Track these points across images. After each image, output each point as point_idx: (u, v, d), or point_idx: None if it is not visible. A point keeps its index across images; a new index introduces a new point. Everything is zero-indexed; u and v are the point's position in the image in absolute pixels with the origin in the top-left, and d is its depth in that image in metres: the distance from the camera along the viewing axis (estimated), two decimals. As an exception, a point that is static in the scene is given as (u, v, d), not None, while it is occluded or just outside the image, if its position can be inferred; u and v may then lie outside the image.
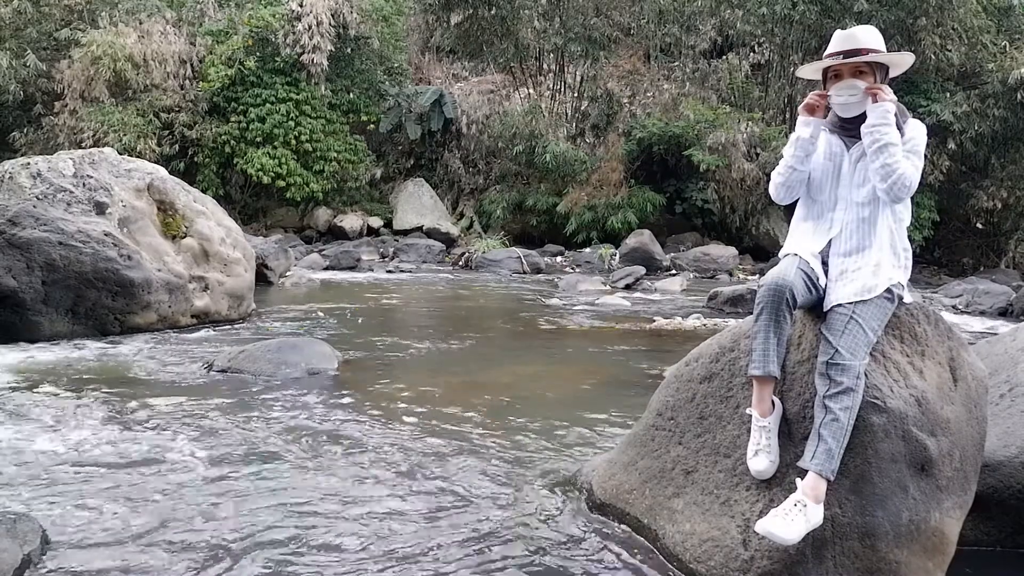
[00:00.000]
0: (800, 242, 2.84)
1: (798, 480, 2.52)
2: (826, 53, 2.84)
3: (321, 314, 8.61)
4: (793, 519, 2.43)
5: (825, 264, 2.77)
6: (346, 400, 4.99)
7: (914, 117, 2.88)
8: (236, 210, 17.21)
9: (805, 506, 2.45)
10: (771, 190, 2.95)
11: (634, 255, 15.28)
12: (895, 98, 2.72)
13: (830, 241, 2.79)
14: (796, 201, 2.97)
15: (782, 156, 2.91)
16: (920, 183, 2.86)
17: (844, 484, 2.56)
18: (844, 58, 2.75)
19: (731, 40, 19.61)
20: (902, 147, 2.70)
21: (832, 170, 2.83)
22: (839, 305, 2.65)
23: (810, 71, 2.94)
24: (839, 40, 2.79)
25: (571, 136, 19.44)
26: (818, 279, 2.73)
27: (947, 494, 2.67)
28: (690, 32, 19.74)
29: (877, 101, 2.69)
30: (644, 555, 2.92)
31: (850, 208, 2.78)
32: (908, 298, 2.80)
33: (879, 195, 2.72)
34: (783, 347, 2.70)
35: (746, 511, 2.68)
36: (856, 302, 2.64)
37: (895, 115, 2.74)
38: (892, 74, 2.88)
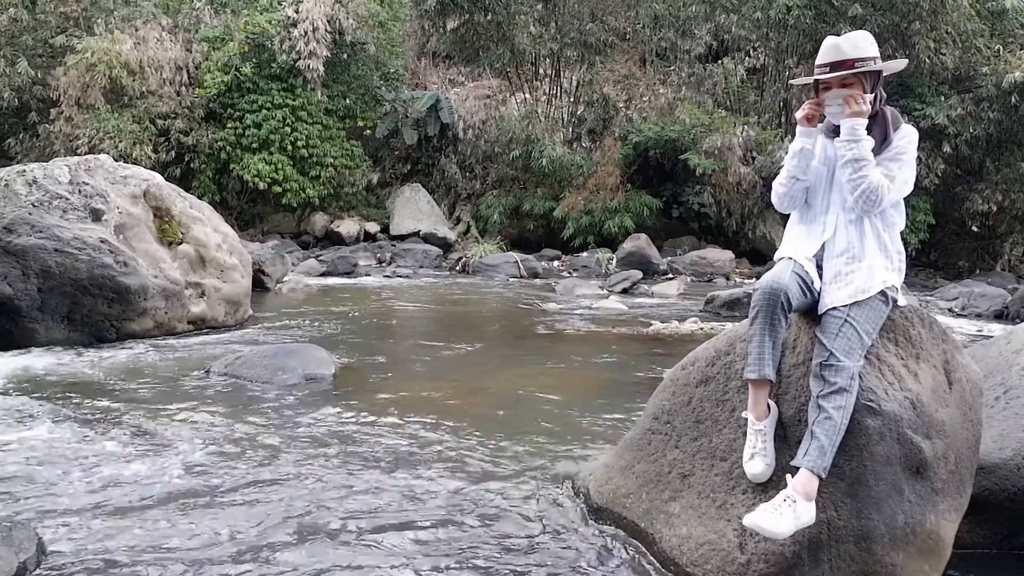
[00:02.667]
0: (795, 245, 2.85)
1: (788, 476, 2.53)
2: (816, 63, 2.85)
3: (318, 319, 8.61)
4: (782, 513, 2.43)
5: (820, 267, 2.78)
6: (342, 405, 4.99)
7: (909, 120, 2.90)
8: (232, 216, 17.19)
9: (795, 502, 2.45)
10: (774, 200, 2.97)
11: (631, 259, 15.29)
12: (868, 109, 2.72)
13: (824, 244, 2.80)
14: None
15: (783, 167, 2.92)
16: (915, 186, 2.87)
17: (840, 487, 2.57)
18: (831, 71, 2.77)
19: (726, 44, 19.64)
20: (884, 155, 2.73)
21: (826, 174, 2.84)
22: (833, 308, 2.67)
23: (802, 82, 2.97)
24: (825, 51, 2.81)
25: (567, 140, 19.45)
26: (813, 282, 2.74)
27: (942, 496, 2.67)
28: (686, 37, 19.78)
29: (847, 115, 2.70)
30: (641, 559, 2.92)
31: (841, 211, 2.80)
32: (902, 301, 2.81)
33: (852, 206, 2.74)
34: (778, 350, 2.71)
35: (742, 514, 2.67)
36: (850, 305, 2.65)
37: (888, 123, 2.75)
38: (887, 73, 2.89)
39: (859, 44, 2.77)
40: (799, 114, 2.87)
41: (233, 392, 5.29)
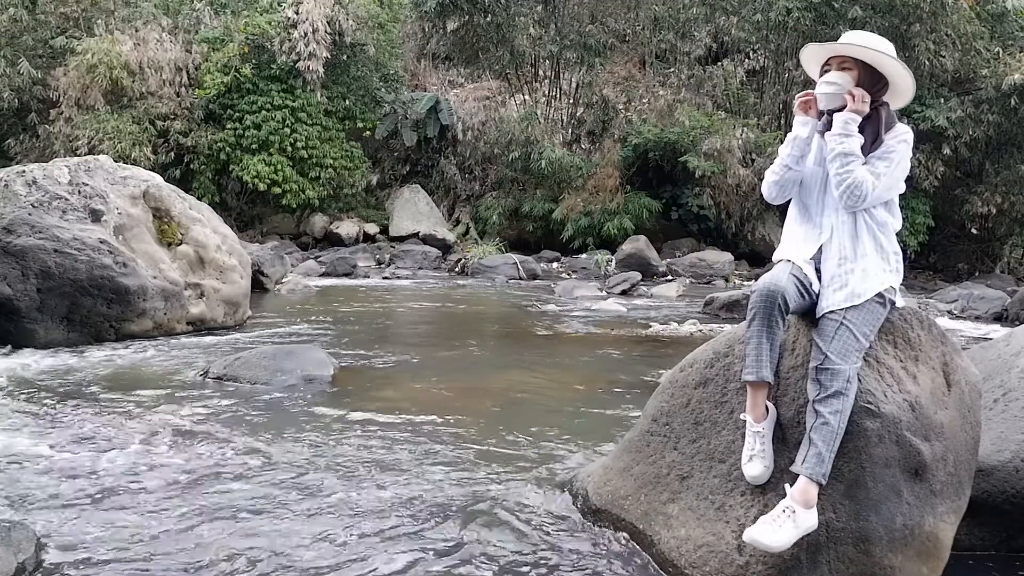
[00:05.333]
0: (792, 248, 2.85)
1: (787, 486, 2.53)
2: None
3: (317, 321, 8.61)
4: (781, 525, 2.43)
5: (819, 270, 2.77)
6: (341, 407, 4.98)
7: (909, 122, 2.88)
8: (232, 217, 17.20)
9: (794, 512, 2.45)
10: (764, 189, 2.95)
11: (630, 261, 15.30)
12: (866, 109, 2.70)
13: (821, 247, 2.79)
14: (790, 204, 2.97)
15: (778, 155, 2.91)
16: (915, 188, 2.86)
17: (838, 489, 2.56)
18: (835, 55, 2.78)
19: (726, 46, 19.68)
20: (873, 153, 2.72)
21: (822, 174, 2.82)
22: (830, 312, 2.66)
23: (808, 54, 2.91)
24: (840, 39, 2.83)
25: (567, 142, 19.47)
26: (811, 284, 2.73)
27: (941, 499, 2.67)
28: (685, 39, 19.81)
29: (846, 107, 2.70)
30: (639, 561, 2.92)
31: (837, 213, 2.79)
32: (900, 302, 2.80)
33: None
34: (776, 352, 2.70)
35: (741, 516, 2.68)
36: (846, 308, 2.65)
37: (881, 123, 2.75)
38: (897, 104, 2.84)
39: (872, 40, 2.78)
40: (796, 101, 2.85)
41: (231, 393, 5.29)
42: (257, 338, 7.45)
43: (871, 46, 2.75)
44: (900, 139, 2.76)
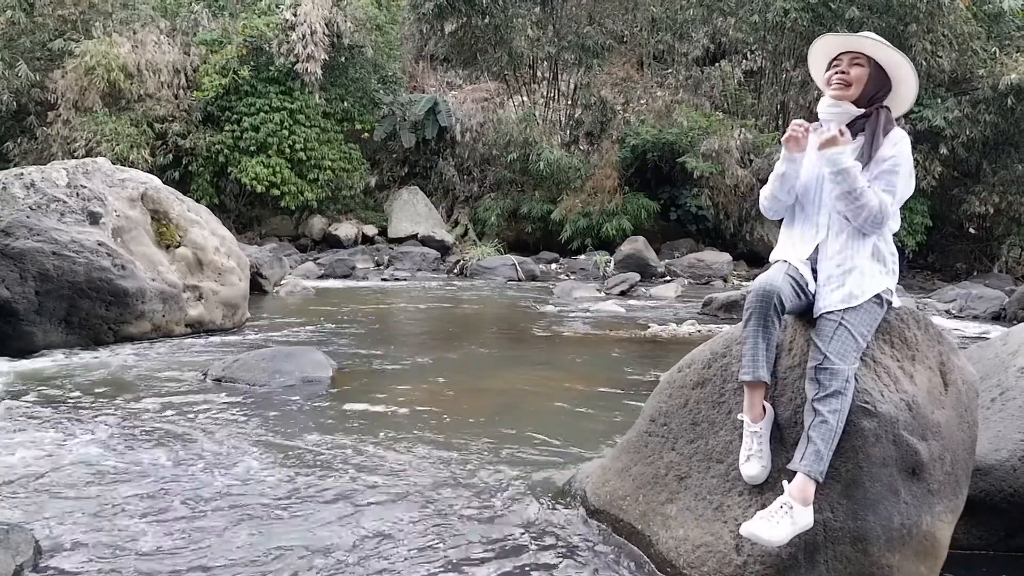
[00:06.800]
0: (789, 248, 2.85)
1: (785, 483, 2.53)
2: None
3: (316, 322, 8.61)
4: (778, 521, 2.43)
5: (815, 270, 2.78)
6: (339, 408, 4.99)
7: (906, 123, 2.87)
8: (230, 219, 17.23)
9: (791, 508, 2.46)
10: (761, 206, 2.98)
11: (628, 262, 15.31)
12: (849, 139, 2.68)
13: (818, 246, 2.80)
14: None
15: (773, 171, 2.90)
16: (913, 188, 2.84)
17: (836, 488, 2.57)
18: (846, 51, 2.79)
19: (724, 47, 19.70)
20: (882, 168, 2.69)
21: (817, 174, 2.82)
22: (828, 312, 2.67)
23: (821, 45, 2.88)
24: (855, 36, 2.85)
25: (565, 143, 19.50)
26: (807, 284, 2.74)
27: (938, 498, 2.68)
28: (683, 40, 19.83)
29: (819, 148, 2.68)
30: (638, 561, 2.93)
31: (833, 213, 2.78)
32: (897, 302, 2.81)
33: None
34: (773, 352, 2.71)
35: (739, 516, 2.68)
36: (844, 309, 2.65)
37: (878, 125, 2.74)
38: (895, 111, 2.83)
39: (886, 44, 2.79)
40: (784, 136, 2.82)
41: (230, 395, 5.29)
42: (256, 340, 7.46)
43: (882, 47, 2.76)
44: (901, 147, 2.73)
